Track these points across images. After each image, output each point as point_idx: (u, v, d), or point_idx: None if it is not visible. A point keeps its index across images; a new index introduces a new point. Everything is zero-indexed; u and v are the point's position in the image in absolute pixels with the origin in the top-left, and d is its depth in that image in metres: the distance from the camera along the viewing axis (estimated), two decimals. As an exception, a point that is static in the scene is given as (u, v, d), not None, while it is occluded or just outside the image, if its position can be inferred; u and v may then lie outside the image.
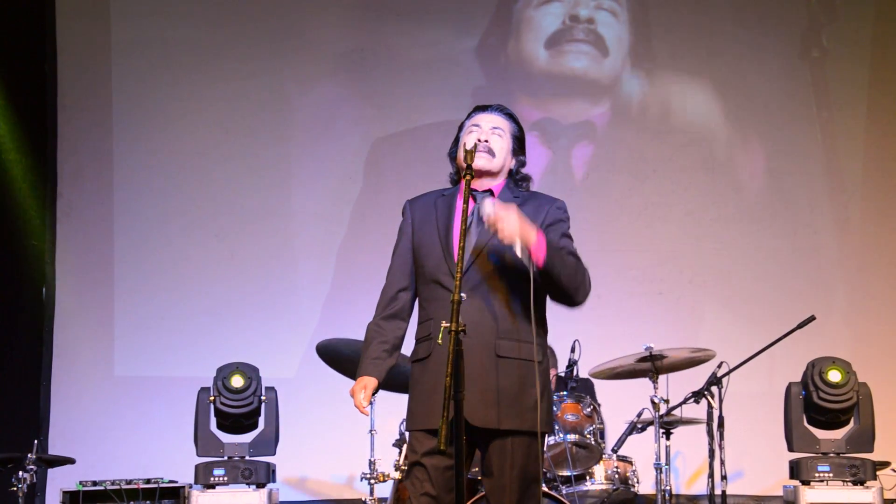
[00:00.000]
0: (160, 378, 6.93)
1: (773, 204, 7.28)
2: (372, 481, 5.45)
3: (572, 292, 3.72)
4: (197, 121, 7.25)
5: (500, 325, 3.72)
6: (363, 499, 5.54)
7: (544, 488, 5.09)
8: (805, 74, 7.34)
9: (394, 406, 5.74)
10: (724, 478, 5.65)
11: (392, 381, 4.04)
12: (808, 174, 7.29)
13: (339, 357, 5.61)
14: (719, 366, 5.69)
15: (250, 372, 5.54)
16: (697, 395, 5.78)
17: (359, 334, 5.98)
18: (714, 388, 5.74)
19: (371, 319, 3.94)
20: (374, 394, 3.93)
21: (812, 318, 5.67)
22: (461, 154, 3.78)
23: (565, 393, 5.48)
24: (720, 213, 7.25)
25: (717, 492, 5.66)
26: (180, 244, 7.14)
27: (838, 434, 5.40)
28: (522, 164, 3.93)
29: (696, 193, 7.24)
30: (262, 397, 5.54)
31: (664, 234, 7.22)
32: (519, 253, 3.62)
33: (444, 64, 7.32)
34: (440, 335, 3.47)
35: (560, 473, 5.22)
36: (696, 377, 5.78)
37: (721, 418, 5.69)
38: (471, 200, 3.74)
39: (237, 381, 5.50)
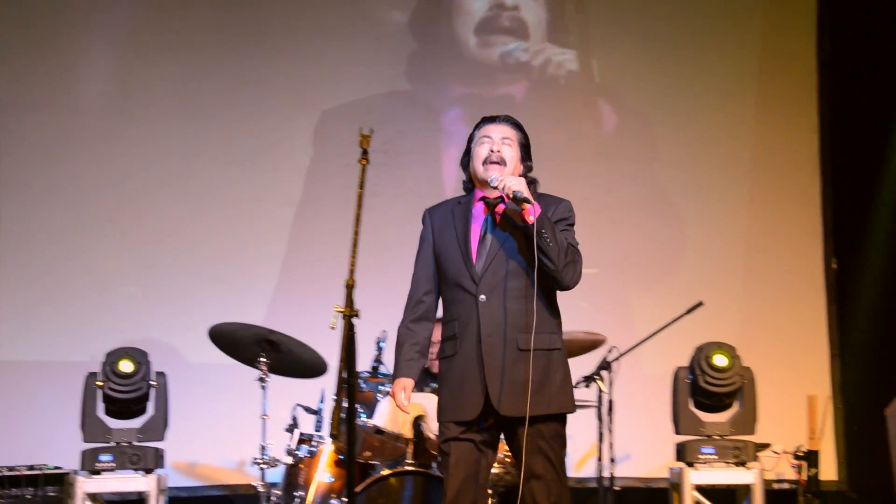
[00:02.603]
0: (46, 363, 6.76)
1: (666, 191, 7.40)
2: (263, 466, 5.42)
3: (559, 266, 4.01)
4: (84, 98, 7.09)
5: (519, 321, 4.04)
6: (254, 484, 5.51)
7: (434, 471, 5.12)
8: (698, 63, 7.47)
9: (286, 391, 5.73)
10: (612, 461, 5.74)
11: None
12: (700, 162, 7.41)
13: (233, 340, 5.55)
14: (610, 350, 5.78)
15: (139, 357, 5.45)
16: (588, 380, 5.86)
17: (255, 319, 5.97)
18: (604, 373, 5.82)
19: (401, 322, 4.24)
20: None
21: (700, 304, 5.79)
22: (477, 165, 4.16)
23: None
24: (615, 201, 7.33)
25: (606, 474, 5.75)
26: (68, 225, 6.96)
27: (723, 417, 5.51)
28: (530, 168, 4.26)
29: (592, 181, 7.32)
30: (152, 382, 5.46)
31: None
32: (516, 198, 3.93)
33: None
34: (334, 319, 3.53)
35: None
36: (587, 361, 5.85)
37: (610, 402, 5.78)
38: (484, 210, 4.16)
39: (126, 366, 5.41)
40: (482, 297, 4.05)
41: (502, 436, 4.17)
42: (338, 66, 7.27)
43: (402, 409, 4.20)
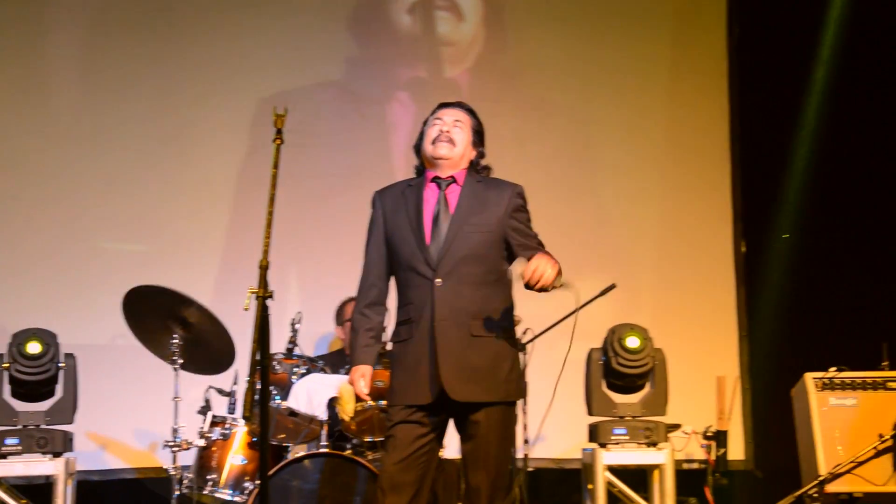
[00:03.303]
0: (-51, 344, 6.62)
1: (580, 174, 7.45)
2: (175, 449, 5.36)
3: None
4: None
5: (473, 306, 4.07)
6: (165, 467, 5.45)
7: (349, 454, 5.11)
8: (610, 48, 7.52)
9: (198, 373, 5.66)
10: (526, 442, 5.78)
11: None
12: (613, 145, 7.48)
13: (147, 310, 5.42)
14: (524, 332, 5.81)
15: (48, 338, 5.35)
16: (502, 361, 5.87)
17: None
18: (519, 354, 5.84)
19: (354, 307, 4.26)
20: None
21: (612, 287, 5.83)
22: (427, 145, 4.20)
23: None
24: (528, 183, 7.34)
25: (520, 456, 5.79)
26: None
27: (634, 398, 5.58)
28: (482, 155, 4.32)
29: (505, 163, 7.32)
30: (60, 364, 5.36)
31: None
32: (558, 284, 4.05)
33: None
34: (248, 300, 3.55)
35: (366, 439, 5.23)
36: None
37: (525, 384, 5.81)
38: (436, 188, 4.17)
39: (33, 348, 5.30)
40: (438, 280, 4.04)
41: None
42: (255, 47, 7.19)
43: (362, 397, 4.21)
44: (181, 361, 5.39)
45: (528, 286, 3.98)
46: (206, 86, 7.12)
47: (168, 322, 5.43)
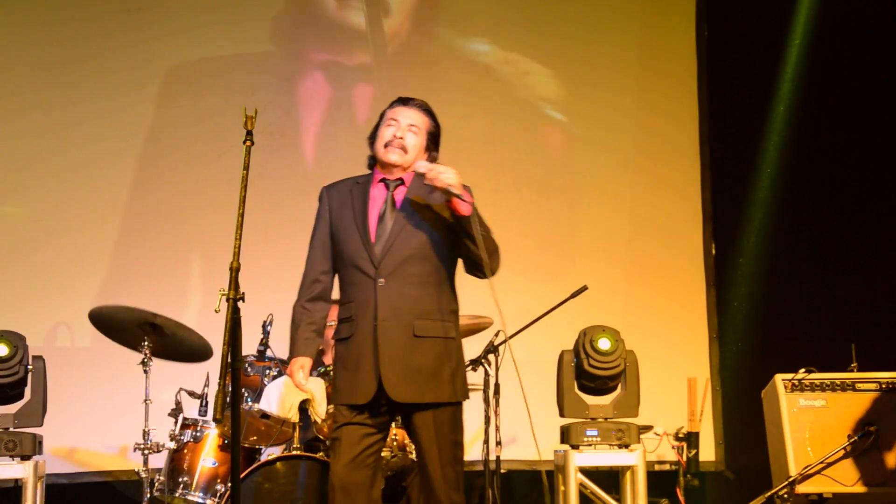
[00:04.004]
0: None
1: (551, 175, 7.46)
2: (146, 452, 5.33)
3: (489, 256, 4.03)
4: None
5: (416, 306, 4.05)
6: (136, 469, 5.41)
7: (321, 456, 5.09)
8: (579, 49, 7.53)
9: (169, 375, 5.63)
10: (498, 443, 5.78)
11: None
12: (583, 147, 7.50)
13: (114, 324, 5.45)
14: (496, 334, 5.81)
15: (16, 340, 5.28)
16: (475, 363, 5.88)
17: (138, 301, 5.85)
18: (491, 356, 5.85)
19: (296, 301, 4.22)
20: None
21: (584, 288, 5.85)
22: (379, 147, 4.15)
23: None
24: (499, 184, 7.37)
25: (492, 458, 5.78)
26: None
27: (606, 400, 5.59)
28: (434, 159, 4.24)
29: (476, 164, 7.34)
30: (29, 366, 5.31)
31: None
32: (451, 192, 3.94)
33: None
34: (218, 302, 3.57)
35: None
36: (474, 345, 5.87)
37: (497, 385, 5.80)
38: (384, 188, 4.14)
39: (1, 350, 5.24)
40: (381, 280, 4.03)
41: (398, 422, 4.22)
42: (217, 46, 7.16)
43: (300, 388, 4.20)
44: (151, 363, 5.37)
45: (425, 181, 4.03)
46: (174, 86, 7.08)
47: (137, 332, 5.43)
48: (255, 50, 7.20)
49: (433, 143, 4.26)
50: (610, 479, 5.74)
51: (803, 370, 5.72)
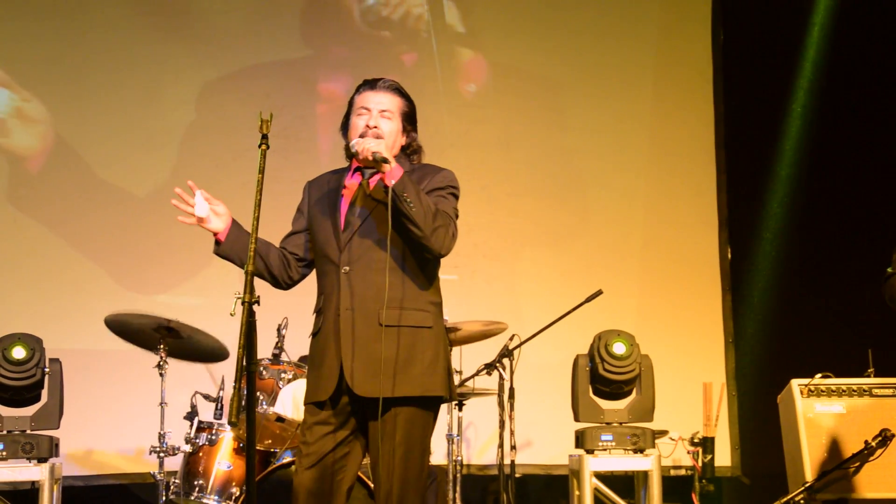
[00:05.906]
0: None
1: (565, 180, 7.46)
2: (161, 455, 5.34)
3: (426, 232, 3.73)
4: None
5: (383, 294, 3.74)
6: (152, 472, 5.43)
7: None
8: (594, 53, 7.53)
9: (184, 378, 5.65)
10: (513, 447, 5.78)
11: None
12: (598, 151, 7.49)
13: (129, 330, 5.47)
14: (511, 338, 5.81)
15: (33, 343, 5.30)
16: (489, 367, 5.88)
17: (154, 305, 5.87)
18: (506, 360, 5.85)
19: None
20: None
21: (599, 293, 5.85)
22: (353, 138, 3.90)
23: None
24: (514, 189, 7.38)
25: (507, 461, 5.78)
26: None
27: (621, 404, 5.58)
28: (413, 138, 4.00)
29: (491, 169, 7.35)
30: (46, 369, 5.33)
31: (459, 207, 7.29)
32: (377, 159, 3.71)
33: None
34: (234, 306, 3.51)
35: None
36: (488, 349, 5.88)
37: (512, 389, 5.81)
38: (360, 177, 3.90)
39: (19, 353, 5.25)
40: (345, 268, 3.79)
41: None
42: (233, 49, 7.19)
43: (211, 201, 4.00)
44: (167, 366, 5.40)
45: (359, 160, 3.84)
46: (190, 89, 7.11)
47: (153, 335, 5.47)
48: (271, 53, 7.23)
49: (409, 122, 3.99)
50: (625, 483, 5.74)
51: (819, 375, 5.70)
